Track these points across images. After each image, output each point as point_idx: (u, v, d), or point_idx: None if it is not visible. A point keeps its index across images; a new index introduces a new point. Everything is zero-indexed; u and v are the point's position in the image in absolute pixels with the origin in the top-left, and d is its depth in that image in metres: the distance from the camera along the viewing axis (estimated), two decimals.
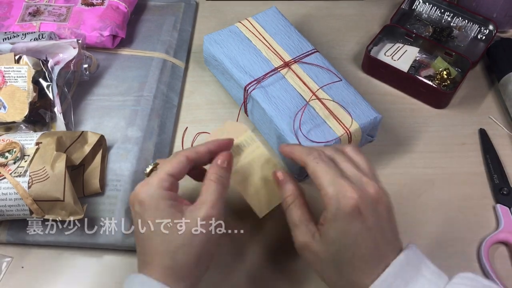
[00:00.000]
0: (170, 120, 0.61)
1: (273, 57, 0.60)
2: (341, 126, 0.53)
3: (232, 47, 0.61)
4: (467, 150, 0.60)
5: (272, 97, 0.56)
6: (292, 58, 0.60)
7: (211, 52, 0.62)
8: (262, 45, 0.61)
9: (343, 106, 0.55)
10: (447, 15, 0.71)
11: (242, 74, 0.59)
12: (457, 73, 0.65)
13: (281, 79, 0.58)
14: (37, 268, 0.50)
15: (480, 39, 0.69)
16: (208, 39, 0.62)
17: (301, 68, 0.59)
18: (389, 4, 0.77)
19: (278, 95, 0.56)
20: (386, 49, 0.68)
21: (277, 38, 0.62)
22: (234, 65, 0.59)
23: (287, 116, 0.55)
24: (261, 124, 0.59)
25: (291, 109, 0.55)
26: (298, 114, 0.55)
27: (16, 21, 0.66)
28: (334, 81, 0.57)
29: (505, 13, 0.69)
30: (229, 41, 0.62)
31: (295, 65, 0.59)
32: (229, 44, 0.62)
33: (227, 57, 0.60)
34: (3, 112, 0.54)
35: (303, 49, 0.61)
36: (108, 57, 0.66)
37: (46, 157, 0.47)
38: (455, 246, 0.52)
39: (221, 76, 0.64)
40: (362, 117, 0.54)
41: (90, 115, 0.60)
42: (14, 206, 0.47)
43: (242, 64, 0.59)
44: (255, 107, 0.58)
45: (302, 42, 0.62)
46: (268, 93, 0.57)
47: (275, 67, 0.59)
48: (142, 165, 0.55)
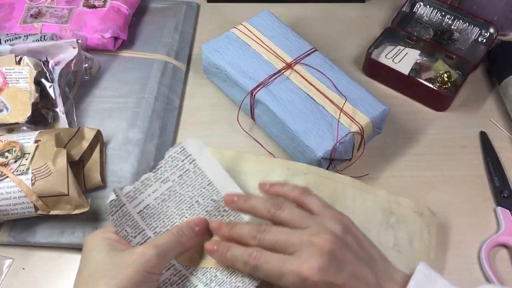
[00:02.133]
0: (171, 122, 0.61)
1: (275, 60, 0.60)
2: (353, 121, 0.54)
3: (232, 53, 0.61)
4: (468, 153, 0.60)
5: (280, 100, 0.56)
6: (293, 59, 0.60)
7: (212, 61, 0.62)
8: (262, 49, 0.61)
9: (351, 102, 0.56)
10: (448, 18, 0.71)
11: (246, 79, 0.58)
12: (457, 76, 0.65)
13: (286, 81, 0.58)
14: (38, 270, 0.50)
15: (480, 42, 0.69)
16: (207, 48, 0.62)
17: (303, 68, 0.59)
18: (390, 6, 0.77)
19: (286, 97, 0.56)
20: (387, 52, 0.68)
21: (275, 40, 0.62)
22: (237, 71, 0.59)
23: (299, 118, 0.55)
24: (271, 127, 0.59)
25: (301, 110, 0.55)
26: (309, 115, 0.55)
27: (18, 22, 0.66)
28: (340, 77, 0.58)
29: (505, 16, 0.69)
30: (228, 47, 0.62)
31: (297, 66, 0.59)
32: (229, 51, 0.61)
33: (228, 63, 0.60)
34: (6, 113, 0.54)
35: (302, 49, 0.61)
36: (110, 59, 0.66)
37: (46, 153, 0.48)
38: (456, 248, 0.52)
39: (223, 83, 0.63)
40: (371, 110, 0.55)
41: (92, 116, 0.60)
42: (18, 204, 0.47)
43: (245, 69, 0.59)
44: (263, 111, 0.58)
45: (300, 42, 0.62)
46: (276, 96, 0.57)
47: (278, 69, 0.59)
48: (143, 166, 0.55)
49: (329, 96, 0.56)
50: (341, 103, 0.56)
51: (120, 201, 0.42)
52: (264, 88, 0.57)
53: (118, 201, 0.42)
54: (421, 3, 0.73)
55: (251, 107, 0.59)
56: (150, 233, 0.43)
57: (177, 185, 0.45)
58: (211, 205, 0.46)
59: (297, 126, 0.54)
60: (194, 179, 0.46)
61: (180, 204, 0.45)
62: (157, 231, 0.44)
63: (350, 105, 0.56)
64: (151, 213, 0.44)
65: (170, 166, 0.45)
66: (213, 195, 0.46)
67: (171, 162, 0.45)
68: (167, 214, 0.44)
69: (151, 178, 0.44)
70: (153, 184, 0.44)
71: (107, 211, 0.41)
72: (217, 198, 0.46)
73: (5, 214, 0.48)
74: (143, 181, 0.44)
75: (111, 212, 0.41)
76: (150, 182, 0.44)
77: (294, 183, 0.48)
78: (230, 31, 0.64)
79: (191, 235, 0.43)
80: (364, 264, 0.39)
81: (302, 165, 0.52)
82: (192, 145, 0.46)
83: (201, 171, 0.46)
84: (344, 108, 0.55)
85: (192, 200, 0.46)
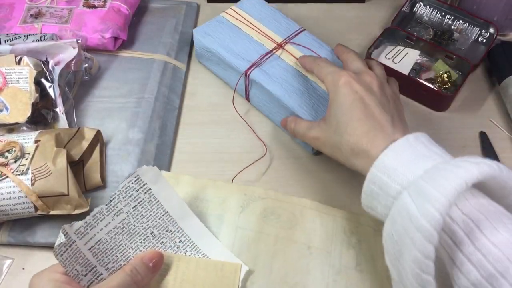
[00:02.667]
0: (171, 122, 0.61)
1: (265, 40, 0.62)
2: None
3: (223, 36, 0.63)
4: (468, 153, 0.59)
5: (274, 78, 0.58)
6: (283, 39, 0.62)
7: (204, 44, 0.63)
8: (252, 31, 0.63)
9: None
10: (447, 18, 0.71)
11: (239, 60, 0.60)
12: (457, 76, 0.65)
13: (278, 60, 0.60)
14: (38, 270, 0.49)
15: (480, 42, 0.69)
16: (199, 32, 0.64)
17: (294, 47, 0.61)
18: (390, 6, 0.77)
19: (280, 75, 0.58)
20: (387, 52, 0.68)
21: (265, 22, 0.64)
22: (230, 53, 0.61)
23: (293, 94, 0.57)
24: (267, 105, 0.61)
25: (295, 86, 0.58)
26: (303, 90, 0.57)
27: (18, 22, 0.66)
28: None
29: (505, 16, 0.69)
30: (219, 31, 0.63)
31: (288, 45, 0.62)
32: (220, 34, 0.63)
33: (221, 46, 0.62)
34: (6, 113, 0.54)
35: (291, 29, 0.64)
36: (110, 59, 0.66)
37: (46, 153, 0.48)
38: None
39: (216, 67, 0.65)
40: None
41: (92, 116, 0.60)
42: (18, 204, 0.47)
43: (237, 51, 0.61)
44: (258, 90, 0.60)
45: (289, 22, 0.64)
46: (270, 75, 0.58)
47: (269, 49, 0.61)
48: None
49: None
50: None
51: (70, 239, 0.40)
52: (257, 68, 0.59)
53: (67, 239, 0.40)
54: (421, 3, 0.73)
55: (245, 88, 0.61)
56: (102, 270, 0.42)
57: (131, 216, 0.43)
58: (166, 236, 0.45)
59: (292, 101, 0.56)
60: (149, 209, 0.44)
61: (134, 237, 0.44)
62: (109, 266, 0.42)
63: None
64: (103, 248, 0.42)
65: (124, 197, 0.43)
66: (169, 225, 0.45)
67: (125, 192, 0.43)
68: (120, 248, 0.43)
69: (103, 211, 0.42)
70: (105, 218, 0.42)
71: (56, 251, 0.39)
72: (173, 228, 0.45)
73: (5, 214, 0.48)
74: (95, 214, 0.41)
75: (60, 253, 0.39)
76: (103, 215, 0.42)
77: (251, 209, 0.51)
78: (220, 15, 0.65)
79: (146, 272, 0.42)
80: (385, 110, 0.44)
81: (259, 190, 0.53)
82: (147, 173, 0.44)
83: (157, 201, 0.45)
84: None
85: (147, 232, 0.44)
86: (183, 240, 0.46)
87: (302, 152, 0.59)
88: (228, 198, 0.52)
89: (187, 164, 0.58)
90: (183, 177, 0.54)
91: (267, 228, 0.51)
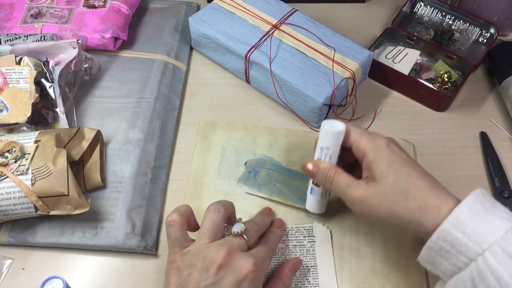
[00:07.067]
0: (171, 122, 0.61)
1: (261, 23, 0.64)
2: (345, 68, 0.59)
3: (220, 22, 0.64)
4: (468, 153, 0.60)
5: (274, 58, 0.59)
6: (277, 20, 0.64)
7: (201, 31, 0.64)
8: (246, 15, 0.65)
9: (339, 52, 0.61)
10: (448, 18, 0.71)
11: (239, 44, 0.62)
12: (458, 76, 0.65)
13: (276, 40, 0.62)
14: (38, 270, 0.50)
15: (481, 42, 0.69)
16: (195, 19, 0.65)
17: (289, 28, 0.63)
18: (390, 6, 0.77)
19: (279, 55, 0.60)
20: (387, 52, 0.68)
21: (257, 5, 0.66)
22: (228, 38, 0.62)
23: (295, 72, 0.59)
24: (268, 86, 0.62)
25: (295, 64, 0.59)
26: (303, 68, 0.59)
27: (18, 23, 0.66)
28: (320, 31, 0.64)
29: (506, 16, 0.69)
30: (214, 17, 0.65)
31: (283, 26, 0.64)
32: (216, 20, 0.64)
33: (219, 32, 0.63)
34: (6, 113, 0.54)
35: (283, 10, 0.65)
36: (110, 59, 0.66)
37: (46, 153, 0.48)
38: None
39: (214, 52, 0.66)
40: (359, 57, 0.61)
41: (92, 116, 0.60)
42: (18, 205, 0.47)
43: (235, 35, 0.62)
44: (260, 72, 0.62)
45: (280, 4, 0.66)
46: (270, 55, 0.60)
47: (266, 31, 0.63)
48: (143, 166, 0.55)
49: (318, 49, 0.61)
50: (330, 54, 0.60)
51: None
52: (256, 50, 0.61)
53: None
54: (421, 3, 0.73)
55: (245, 70, 0.63)
56: None
57: (286, 249, 0.50)
58: (303, 283, 0.48)
59: (295, 79, 0.58)
60: (304, 255, 0.50)
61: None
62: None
63: (339, 55, 0.60)
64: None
65: (291, 234, 0.51)
66: (310, 277, 0.49)
67: (294, 231, 0.51)
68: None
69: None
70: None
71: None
72: (312, 280, 0.49)
73: (5, 214, 0.48)
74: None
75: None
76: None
77: (279, 144, 0.59)
78: (213, 2, 0.68)
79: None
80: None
81: (283, 129, 0.60)
82: (319, 230, 0.51)
83: (314, 253, 0.50)
84: (335, 58, 0.60)
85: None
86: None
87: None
88: (258, 137, 0.60)
89: (187, 164, 0.58)
90: (219, 123, 0.61)
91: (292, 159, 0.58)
